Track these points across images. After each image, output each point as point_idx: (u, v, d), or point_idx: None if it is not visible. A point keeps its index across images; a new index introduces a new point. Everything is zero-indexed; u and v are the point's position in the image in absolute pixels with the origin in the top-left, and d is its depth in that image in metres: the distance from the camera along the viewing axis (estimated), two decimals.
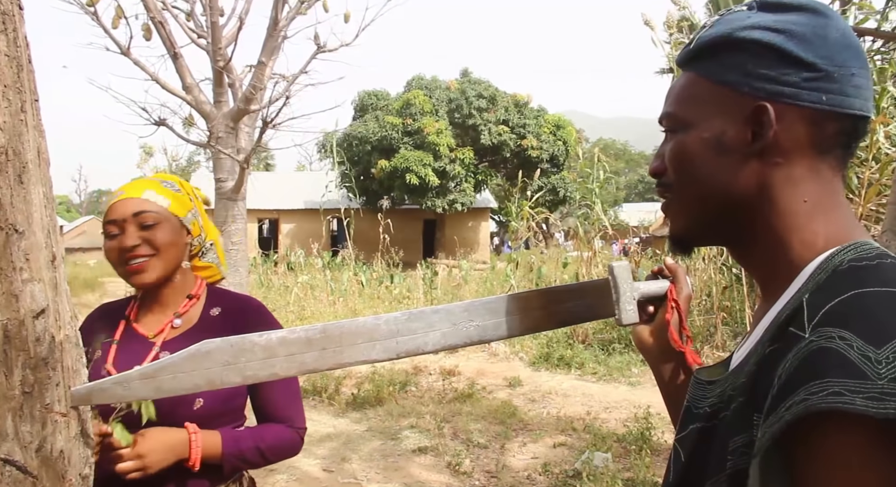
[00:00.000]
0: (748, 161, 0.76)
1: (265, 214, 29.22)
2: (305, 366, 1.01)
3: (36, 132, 0.99)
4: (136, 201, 1.48)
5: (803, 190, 0.76)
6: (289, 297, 11.60)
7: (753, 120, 0.75)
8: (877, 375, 0.56)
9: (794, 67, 0.73)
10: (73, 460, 1.07)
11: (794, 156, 0.75)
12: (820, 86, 0.73)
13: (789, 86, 0.73)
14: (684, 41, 9.24)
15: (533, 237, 13.01)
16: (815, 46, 0.73)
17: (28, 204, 0.93)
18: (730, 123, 0.77)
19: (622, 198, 49.74)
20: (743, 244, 0.82)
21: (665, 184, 0.85)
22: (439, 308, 1.04)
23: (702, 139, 0.79)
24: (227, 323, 1.56)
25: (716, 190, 0.79)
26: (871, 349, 0.58)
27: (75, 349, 1.11)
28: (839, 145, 0.76)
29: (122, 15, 5.92)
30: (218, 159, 6.03)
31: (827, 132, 0.75)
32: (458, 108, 26.71)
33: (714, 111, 0.78)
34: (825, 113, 0.74)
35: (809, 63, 0.73)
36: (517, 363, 8.05)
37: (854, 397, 0.56)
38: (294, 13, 6.18)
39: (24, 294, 0.93)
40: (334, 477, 4.51)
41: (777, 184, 0.76)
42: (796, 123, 0.74)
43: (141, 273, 1.47)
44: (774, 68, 0.74)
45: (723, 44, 0.78)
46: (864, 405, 0.55)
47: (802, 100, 0.73)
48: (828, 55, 0.73)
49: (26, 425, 0.94)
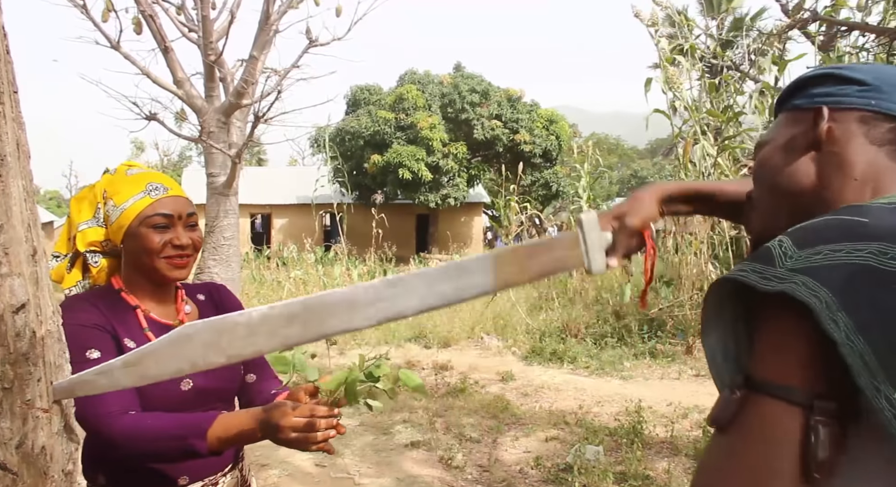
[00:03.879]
0: (809, 152, 0.92)
1: (257, 209, 29.13)
2: (289, 340, 1.01)
3: (15, 124, 0.98)
4: (185, 201, 1.59)
5: (853, 169, 0.88)
6: (281, 292, 11.58)
7: (813, 122, 0.91)
8: (781, 265, 0.73)
9: (848, 84, 0.90)
10: (55, 456, 1.06)
11: (848, 145, 0.89)
12: (870, 94, 0.89)
13: (844, 96, 0.90)
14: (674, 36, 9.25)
15: (525, 232, 13.01)
16: (869, 73, 0.90)
17: (7, 197, 0.92)
18: (796, 131, 0.94)
19: (615, 192, 49.81)
20: None
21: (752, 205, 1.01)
22: (416, 272, 1.05)
23: (775, 147, 0.96)
24: (214, 306, 1.70)
25: (787, 180, 0.93)
26: (792, 249, 0.74)
27: (57, 344, 1.10)
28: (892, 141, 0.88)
29: (111, 8, 5.87)
30: (210, 154, 6.00)
31: (879, 129, 0.88)
32: (450, 102, 26.66)
33: (786, 127, 0.96)
34: (875, 114, 0.88)
35: (861, 80, 0.90)
36: (509, 357, 8.06)
37: (751, 274, 0.74)
38: (286, 7, 6.15)
39: (3, 289, 0.92)
40: (326, 472, 4.51)
41: (831, 169, 0.90)
42: (849, 121, 0.89)
43: (183, 269, 1.57)
44: (833, 87, 0.92)
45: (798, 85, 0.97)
46: (755, 281, 0.73)
47: (853, 104, 0.89)
48: (879, 77, 0.90)
49: (6, 421, 0.93)
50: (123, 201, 1.53)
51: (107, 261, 1.60)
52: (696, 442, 4.80)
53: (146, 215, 1.52)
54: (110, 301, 1.54)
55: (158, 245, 1.52)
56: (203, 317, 1.62)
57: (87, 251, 1.57)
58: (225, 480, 1.60)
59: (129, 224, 1.52)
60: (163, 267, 1.53)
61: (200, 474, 1.54)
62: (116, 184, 1.56)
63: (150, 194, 1.53)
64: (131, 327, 1.52)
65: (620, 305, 8.91)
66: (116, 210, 1.53)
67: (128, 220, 1.52)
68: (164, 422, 1.37)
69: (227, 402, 1.63)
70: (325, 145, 15.90)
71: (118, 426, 1.33)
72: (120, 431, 1.33)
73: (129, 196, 1.53)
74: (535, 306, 10.15)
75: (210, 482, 1.57)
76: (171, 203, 1.55)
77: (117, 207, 1.54)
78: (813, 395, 0.69)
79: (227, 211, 5.94)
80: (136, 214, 1.52)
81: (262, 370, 1.70)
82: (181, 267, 1.56)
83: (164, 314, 1.60)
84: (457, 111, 26.54)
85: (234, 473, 1.63)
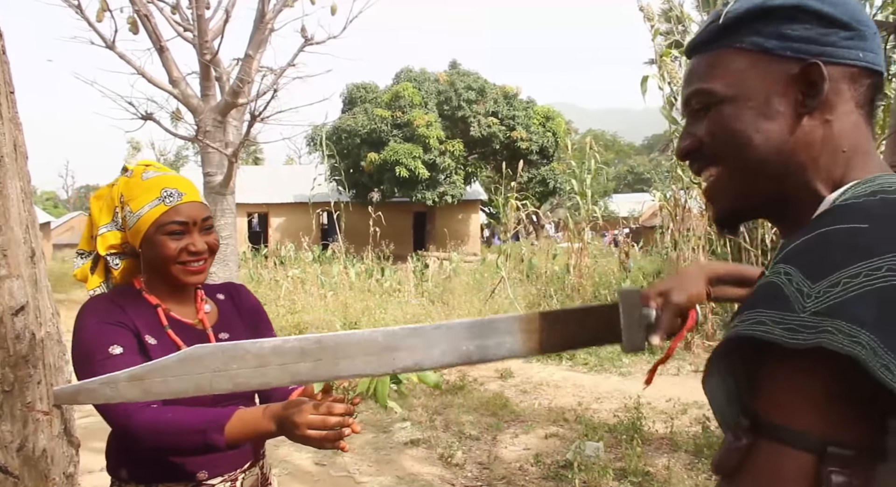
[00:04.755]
0: (800, 121, 0.78)
1: (255, 208, 29.09)
2: (299, 377, 0.99)
3: (12, 125, 0.97)
4: (201, 206, 1.60)
5: (844, 141, 0.78)
6: (279, 291, 11.56)
7: (802, 80, 0.77)
8: (802, 308, 0.62)
9: (832, 27, 0.77)
10: (56, 459, 1.05)
11: (840, 111, 0.78)
12: (856, 44, 0.77)
13: (831, 46, 0.77)
14: (670, 32, 9.26)
15: (523, 229, 13.01)
16: (845, 7, 0.77)
17: (4, 198, 0.91)
18: (776, 88, 0.79)
19: (612, 189, 49.84)
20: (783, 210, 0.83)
21: (704, 157, 0.86)
22: (440, 325, 1.01)
23: (748, 108, 0.80)
24: (234, 305, 1.74)
25: (769, 154, 0.79)
26: (806, 284, 0.63)
27: (57, 346, 1.09)
28: (869, 101, 0.80)
29: (106, 8, 5.85)
30: (206, 154, 5.98)
31: (863, 87, 0.79)
32: (447, 100, 26.64)
33: (756, 80, 0.79)
34: (862, 69, 0.78)
35: (845, 23, 0.77)
36: None
37: (774, 327, 0.63)
38: (281, 6, 6.13)
39: (1, 291, 0.91)
40: (326, 471, 4.51)
41: (825, 141, 0.78)
42: (840, 81, 0.77)
43: (200, 274, 1.59)
44: (814, 30, 0.77)
45: (757, 13, 0.79)
46: (780, 335, 0.62)
47: (844, 57, 0.77)
48: (855, 16, 0.78)
49: (6, 424, 0.93)
50: (139, 208, 1.55)
51: (126, 262, 1.63)
52: (696, 438, 4.80)
53: (161, 222, 1.54)
54: (132, 300, 1.57)
55: (174, 252, 1.54)
56: (223, 316, 1.68)
57: (107, 254, 1.60)
58: (244, 477, 1.63)
59: (146, 231, 1.54)
60: (179, 273, 1.56)
61: (220, 469, 1.57)
62: (133, 188, 1.58)
63: (164, 201, 1.55)
64: (153, 324, 1.54)
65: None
66: (133, 216, 1.56)
67: (144, 226, 1.54)
68: (183, 416, 1.40)
69: (247, 399, 1.66)
70: (321, 144, 15.89)
71: (138, 419, 1.36)
72: (140, 424, 1.36)
73: (144, 203, 1.55)
74: (533, 302, 10.15)
75: (229, 477, 1.59)
76: (186, 210, 1.57)
77: (133, 213, 1.55)
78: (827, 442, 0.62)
79: (224, 210, 5.93)
80: (152, 221, 1.54)
81: None
82: (197, 273, 1.58)
83: (184, 314, 1.62)
84: (453, 109, 26.52)
85: (253, 470, 1.66)
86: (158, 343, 1.51)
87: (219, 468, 1.57)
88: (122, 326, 1.48)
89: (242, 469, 1.62)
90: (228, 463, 1.59)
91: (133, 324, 1.50)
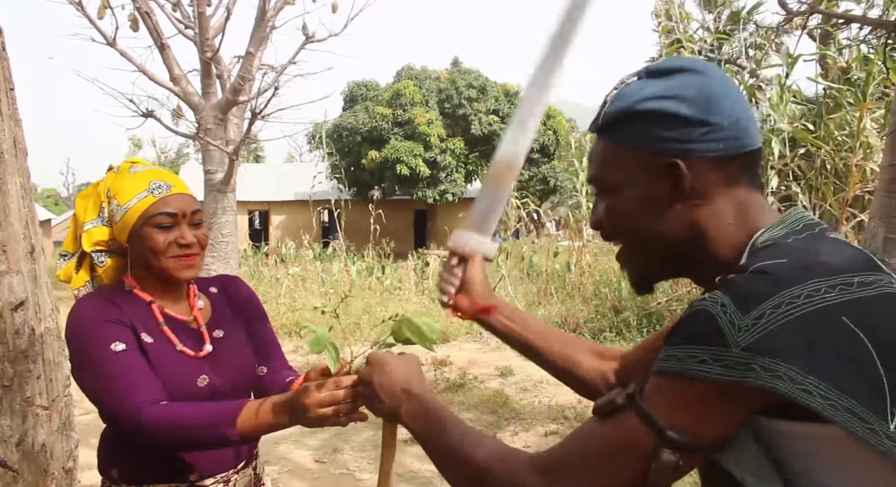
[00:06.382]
0: (673, 207, 0.90)
1: (255, 206, 29.09)
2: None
3: (12, 122, 0.98)
4: (190, 199, 1.57)
5: (725, 216, 0.89)
6: (280, 289, 11.57)
7: (668, 174, 0.88)
8: (735, 343, 0.73)
9: (690, 127, 0.87)
10: (55, 453, 1.06)
11: (710, 194, 0.89)
12: (716, 137, 0.87)
13: (691, 142, 0.87)
14: (674, 30, 9.26)
15: (524, 227, 13.02)
16: (703, 105, 0.87)
17: (4, 195, 0.92)
18: (649, 180, 0.90)
19: None
20: (694, 272, 0.96)
21: (608, 235, 0.99)
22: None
23: (630, 198, 0.92)
24: (227, 299, 1.71)
25: (654, 237, 0.92)
26: (737, 316, 0.74)
27: (56, 341, 1.10)
28: (745, 174, 0.90)
29: (107, 5, 5.86)
30: (207, 151, 5.99)
31: (732, 169, 0.89)
32: (448, 98, 26.61)
33: (633, 172, 0.91)
34: (725, 157, 0.88)
35: (701, 120, 0.87)
36: (508, 352, 8.07)
37: (714, 365, 0.74)
38: (282, 3, 6.13)
39: (1, 286, 0.91)
40: (326, 468, 4.51)
41: (703, 219, 0.89)
42: (704, 170, 0.88)
43: (191, 268, 1.56)
44: (675, 130, 0.87)
45: (626, 116, 0.91)
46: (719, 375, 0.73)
47: (704, 151, 0.87)
48: (715, 110, 0.87)
49: (6, 419, 0.93)
50: (127, 201, 1.51)
51: (113, 260, 1.59)
52: None
53: (150, 214, 1.50)
54: (125, 298, 1.54)
55: (163, 245, 1.51)
56: (216, 312, 1.66)
57: (93, 251, 1.55)
58: (238, 477, 1.60)
59: (134, 224, 1.51)
60: (170, 267, 1.52)
61: (213, 470, 1.55)
62: (120, 182, 1.55)
63: (153, 192, 1.52)
64: (148, 322, 1.52)
65: (619, 299, 8.91)
66: (120, 210, 1.52)
67: (132, 219, 1.51)
68: (193, 411, 1.37)
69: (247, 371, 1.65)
70: (322, 142, 15.89)
71: (148, 415, 1.34)
72: (150, 420, 1.34)
73: (132, 195, 1.52)
74: (533, 300, 10.16)
75: (222, 478, 1.57)
76: (175, 201, 1.54)
77: (121, 206, 1.52)
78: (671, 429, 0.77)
79: (224, 208, 5.94)
80: (140, 213, 1.50)
81: (274, 361, 1.70)
82: (188, 267, 1.55)
83: (178, 311, 1.60)
84: (454, 107, 26.50)
85: (247, 471, 1.64)
86: (155, 342, 1.49)
87: (212, 468, 1.55)
88: (120, 323, 1.46)
89: (236, 469, 1.60)
90: (222, 464, 1.57)
91: (130, 322, 1.48)
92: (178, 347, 1.52)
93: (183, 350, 1.52)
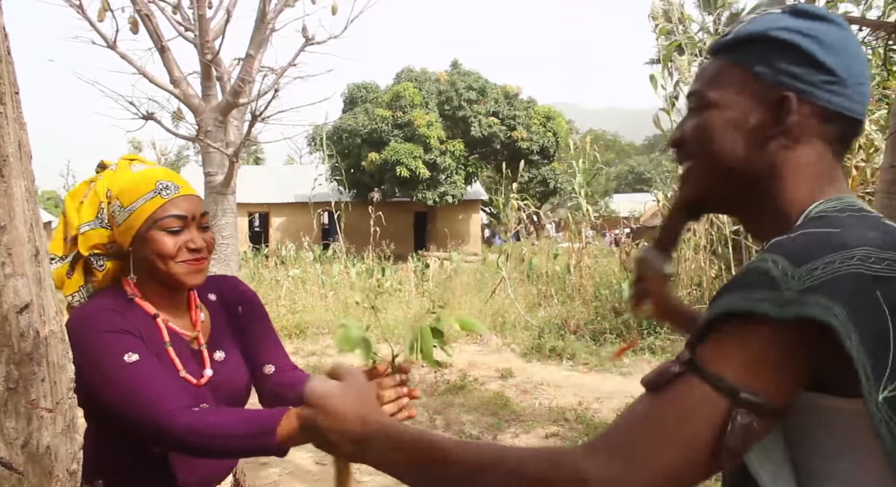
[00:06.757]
0: (766, 142, 0.89)
1: (255, 208, 29.11)
2: None
3: (16, 125, 0.98)
4: (198, 200, 1.48)
5: (808, 170, 0.88)
6: (280, 290, 11.57)
7: (776, 107, 0.87)
8: (787, 287, 0.73)
9: (816, 69, 0.86)
10: (60, 456, 1.06)
11: (803, 143, 0.88)
12: (836, 90, 0.86)
13: (809, 85, 0.86)
14: (672, 31, 9.27)
15: (523, 229, 13.01)
16: (838, 55, 0.86)
17: (9, 198, 0.92)
18: (754, 108, 0.89)
19: (612, 188, 49.80)
20: (749, 213, 0.95)
21: (683, 153, 0.97)
22: None
23: (726, 118, 0.91)
24: (227, 305, 1.63)
25: (733, 163, 0.90)
26: (791, 268, 0.74)
27: (61, 344, 1.10)
28: (839, 140, 0.90)
29: (107, 8, 5.86)
30: (207, 154, 5.99)
31: (834, 129, 0.88)
32: (448, 100, 26.65)
33: (741, 94, 0.90)
34: (833, 112, 0.87)
35: (830, 68, 0.86)
36: (509, 354, 8.07)
37: (763, 303, 0.73)
38: (282, 5, 6.13)
39: (6, 289, 0.92)
40: (327, 470, 4.51)
41: (786, 163, 0.88)
42: (810, 116, 0.87)
43: (201, 273, 1.46)
44: (800, 67, 0.86)
45: (759, 39, 0.89)
46: (769, 310, 0.72)
47: (819, 98, 0.86)
48: (846, 65, 0.86)
49: (11, 421, 0.93)
50: (132, 202, 1.42)
51: (112, 264, 1.48)
52: None
53: (158, 216, 1.41)
54: (127, 307, 1.43)
55: (173, 249, 1.41)
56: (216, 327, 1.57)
57: (90, 255, 1.46)
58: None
59: (140, 227, 1.41)
60: (179, 272, 1.43)
61: (198, 484, 1.50)
62: (122, 182, 1.45)
63: (161, 193, 1.42)
64: (154, 338, 1.43)
65: (619, 301, 8.92)
66: (124, 211, 1.42)
67: (138, 222, 1.41)
68: (231, 418, 1.27)
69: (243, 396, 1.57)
70: (322, 144, 15.90)
71: (182, 422, 1.25)
72: (185, 427, 1.25)
73: (138, 196, 1.42)
74: (533, 302, 10.16)
75: None
76: (185, 203, 1.44)
77: (125, 208, 1.42)
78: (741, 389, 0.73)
79: (224, 210, 5.93)
80: (148, 215, 1.41)
81: (280, 360, 1.61)
82: (198, 271, 1.45)
83: (181, 325, 1.51)
84: (454, 109, 26.53)
85: (228, 478, 1.59)
86: (159, 361, 1.39)
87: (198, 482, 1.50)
88: (129, 333, 1.36)
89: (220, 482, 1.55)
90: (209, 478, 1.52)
91: (138, 332, 1.39)
92: (181, 373, 1.43)
93: (186, 378, 1.43)
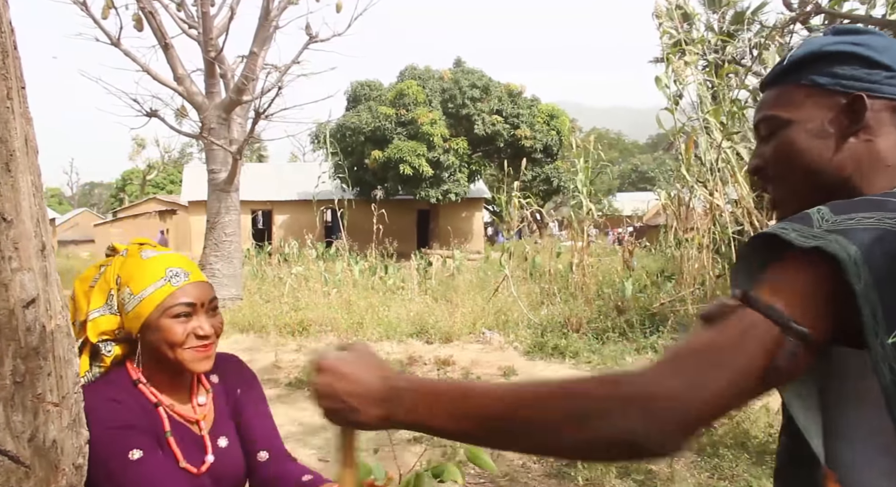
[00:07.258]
0: (847, 140, 0.96)
1: (259, 205, 29.14)
2: None
3: (23, 120, 0.98)
4: (208, 287, 1.49)
5: (886, 159, 0.96)
6: (283, 288, 11.58)
7: (850, 109, 0.95)
8: (819, 226, 0.82)
9: (875, 69, 0.95)
10: (66, 449, 1.06)
11: (880, 134, 0.96)
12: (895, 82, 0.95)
13: (874, 83, 0.95)
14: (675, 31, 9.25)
15: (526, 227, 13.02)
16: (888, 53, 0.96)
17: (16, 192, 0.92)
18: (829, 115, 0.97)
19: (616, 187, 49.77)
20: None
21: (768, 178, 1.05)
22: None
23: (807, 130, 0.98)
24: (228, 388, 1.60)
25: (822, 167, 0.97)
26: (829, 215, 0.83)
27: (66, 338, 1.10)
28: None
29: (111, 5, 5.87)
30: (210, 151, 6.00)
31: None
32: (451, 98, 26.64)
33: (812, 108, 0.98)
34: None
35: (887, 65, 0.95)
36: (511, 352, 8.07)
37: (790, 232, 0.82)
38: (285, 3, 6.14)
39: (13, 284, 0.92)
40: (329, 467, 4.52)
41: (868, 155, 0.96)
42: (881, 110, 0.95)
43: (208, 359, 1.46)
44: (861, 69, 0.96)
45: (814, 58, 0.99)
46: (793, 237, 0.82)
47: (885, 92, 0.95)
48: None
49: (18, 414, 0.94)
50: (142, 290, 1.42)
51: (120, 347, 1.49)
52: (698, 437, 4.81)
53: (168, 305, 1.41)
54: (130, 394, 1.43)
55: (181, 337, 1.41)
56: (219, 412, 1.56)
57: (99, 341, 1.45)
58: None
59: (149, 315, 1.41)
60: (187, 359, 1.43)
61: None
62: (131, 269, 1.46)
63: (170, 281, 1.43)
64: (155, 427, 1.42)
65: (622, 300, 8.91)
66: (134, 299, 1.42)
67: (147, 310, 1.41)
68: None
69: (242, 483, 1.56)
70: (325, 141, 15.89)
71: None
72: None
73: (147, 284, 1.42)
74: (536, 301, 10.16)
75: None
76: (194, 291, 1.45)
77: (134, 295, 1.42)
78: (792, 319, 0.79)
79: (228, 207, 5.95)
80: (157, 304, 1.41)
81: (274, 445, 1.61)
82: (205, 358, 1.46)
83: (183, 409, 1.50)
84: (457, 107, 26.52)
85: None
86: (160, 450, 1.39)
87: None
88: (134, 428, 1.36)
89: None
90: None
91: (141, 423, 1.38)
92: (181, 463, 1.42)
93: (186, 467, 1.42)
